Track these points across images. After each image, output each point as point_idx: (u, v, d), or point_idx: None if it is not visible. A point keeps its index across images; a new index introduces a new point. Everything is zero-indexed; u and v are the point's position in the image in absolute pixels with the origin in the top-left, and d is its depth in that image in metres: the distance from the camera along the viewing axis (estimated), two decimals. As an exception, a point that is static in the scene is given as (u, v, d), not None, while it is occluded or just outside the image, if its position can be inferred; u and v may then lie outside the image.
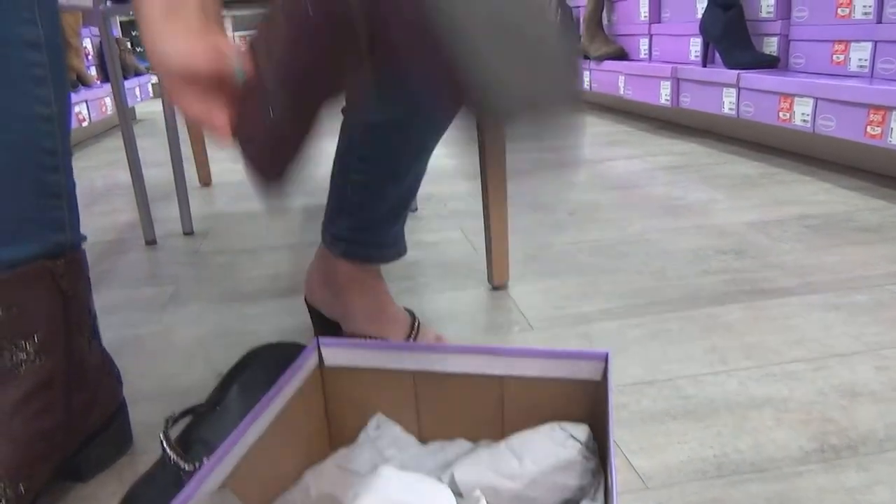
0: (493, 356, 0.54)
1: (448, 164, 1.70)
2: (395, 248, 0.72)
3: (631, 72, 2.21)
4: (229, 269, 1.08)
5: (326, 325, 0.76)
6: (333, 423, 0.59)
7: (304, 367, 0.54)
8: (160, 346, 0.82)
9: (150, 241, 1.23)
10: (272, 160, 0.42)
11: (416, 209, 1.36)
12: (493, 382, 0.54)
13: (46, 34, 0.49)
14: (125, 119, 1.21)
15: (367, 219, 0.69)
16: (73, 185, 0.53)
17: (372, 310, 0.69)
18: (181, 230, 1.29)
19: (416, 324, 0.71)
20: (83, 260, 0.54)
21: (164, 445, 0.54)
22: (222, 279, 1.03)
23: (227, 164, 2.00)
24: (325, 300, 0.73)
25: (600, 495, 0.46)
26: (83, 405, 0.55)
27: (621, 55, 2.38)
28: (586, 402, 0.53)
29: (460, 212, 1.33)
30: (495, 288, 0.93)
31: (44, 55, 0.48)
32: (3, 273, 0.48)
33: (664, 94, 2.02)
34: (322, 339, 0.56)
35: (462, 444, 0.54)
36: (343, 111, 0.68)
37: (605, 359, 0.51)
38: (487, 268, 0.93)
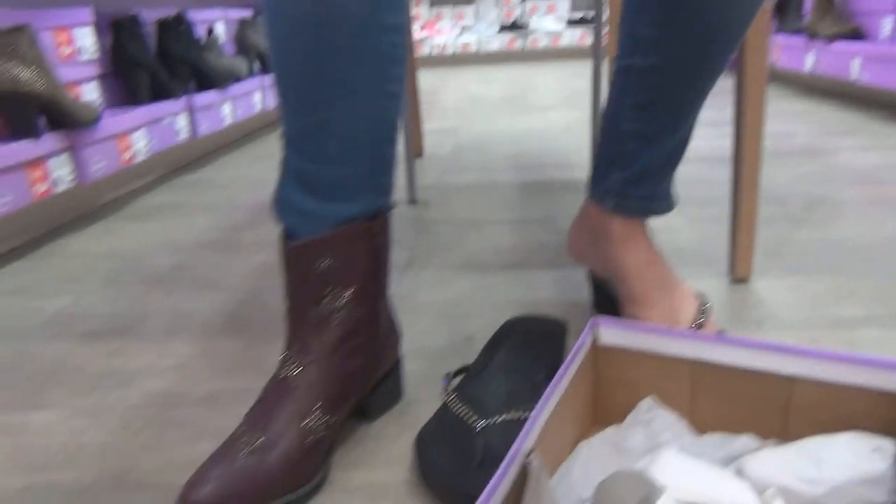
0: (784, 354, 0.52)
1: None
2: (666, 200, 0.69)
3: (872, 54, 1.98)
4: (457, 238, 1.13)
5: (598, 279, 0.76)
6: (600, 400, 0.60)
7: (585, 346, 0.56)
8: (408, 307, 0.88)
9: (380, 206, 1.32)
10: None
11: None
12: (781, 382, 0.52)
13: (404, 20, 0.54)
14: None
15: (641, 171, 0.66)
16: (395, 154, 0.59)
17: (643, 267, 0.67)
18: (406, 198, 1.37)
19: (706, 305, 0.68)
20: (390, 222, 0.60)
21: (449, 398, 0.58)
22: (452, 248, 1.09)
23: (437, 136, 2.09)
24: (594, 257, 0.73)
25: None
26: (377, 353, 0.61)
27: (856, 34, 2.14)
28: (888, 416, 0.50)
29: (682, 198, 1.28)
30: (736, 281, 0.89)
31: (401, 38, 0.53)
32: (337, 228, 0.55)
33: (912, 80, 1.79)
34: (600, 319, 0.58)
35: (748, 441, 0.52)
36: (615, 58, 0.66)
37: (925, 373, 0.47)
38: (730, 258, 0.89)
